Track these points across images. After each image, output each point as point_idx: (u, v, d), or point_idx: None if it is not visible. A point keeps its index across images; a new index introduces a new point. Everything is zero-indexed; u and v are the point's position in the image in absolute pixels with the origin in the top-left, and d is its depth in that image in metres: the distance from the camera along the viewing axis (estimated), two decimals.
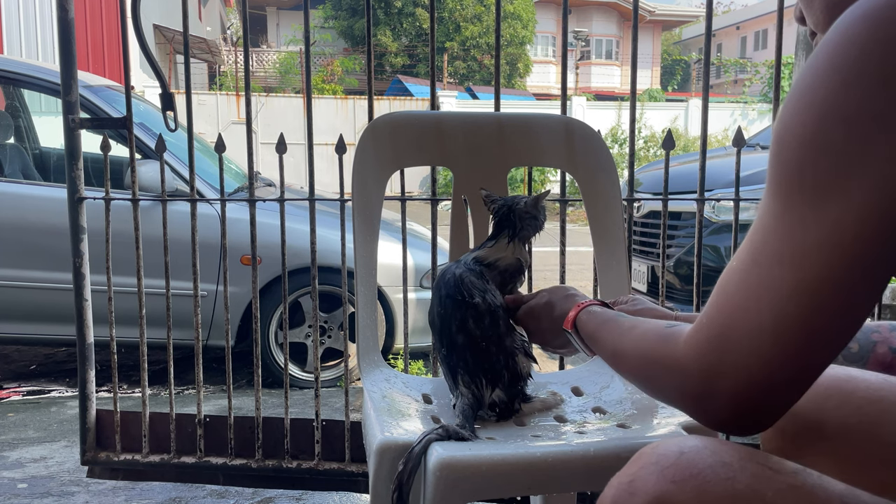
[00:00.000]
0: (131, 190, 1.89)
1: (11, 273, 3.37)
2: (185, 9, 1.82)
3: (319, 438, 1.90)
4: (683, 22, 32.17)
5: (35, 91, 3.83)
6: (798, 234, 0.54)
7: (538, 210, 1.23)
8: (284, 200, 1.85)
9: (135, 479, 2.02)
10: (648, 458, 0.60)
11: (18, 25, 11.38)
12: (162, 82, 1.90)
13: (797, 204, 0.55)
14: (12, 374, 3.90)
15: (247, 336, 3.50)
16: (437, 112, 1.51)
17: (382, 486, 0.98)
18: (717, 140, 15.07)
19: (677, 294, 3.72)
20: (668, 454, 0.58)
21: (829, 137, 0.53)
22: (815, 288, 0.53)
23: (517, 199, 1.25)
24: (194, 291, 1.89)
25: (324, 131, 12.48)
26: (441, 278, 1.19)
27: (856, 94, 0.52)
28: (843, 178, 0.52)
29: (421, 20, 20.79)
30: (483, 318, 1.14)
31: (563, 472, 0.96)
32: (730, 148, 2.19)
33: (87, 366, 1.95)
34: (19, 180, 3.65)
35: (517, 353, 1.16)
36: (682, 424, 1.06)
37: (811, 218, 0.53)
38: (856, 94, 0.52)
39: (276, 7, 27.22)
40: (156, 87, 8.20)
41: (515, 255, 1.21)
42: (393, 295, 3.47)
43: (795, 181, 0.55)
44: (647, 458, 0.60)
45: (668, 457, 0.58)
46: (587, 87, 25.56)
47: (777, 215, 0.56)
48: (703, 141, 1.79)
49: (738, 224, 1.81)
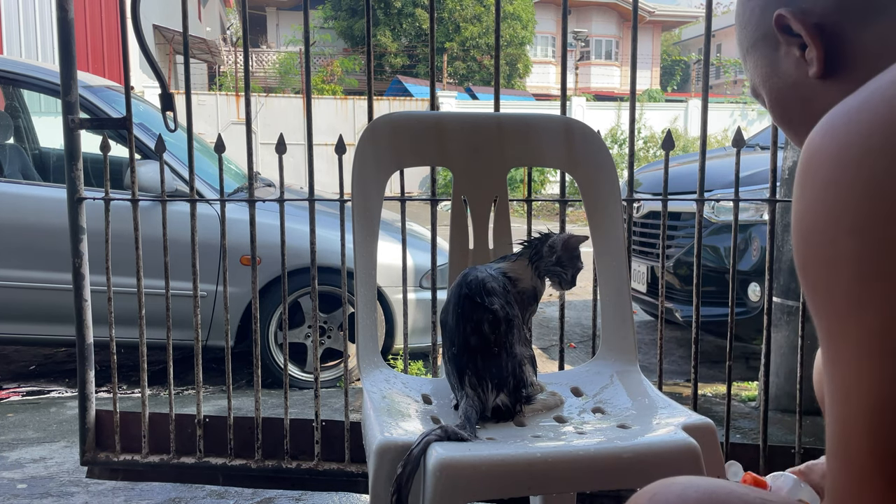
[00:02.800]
0: (131, 190, 1.89)
1: (11, 273, 3.37)
2: (185, 9, 1.82)
3: (319, 439, 1.90)
4: (683, 22, 32.17)
5: (35, 91, 3.83)
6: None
7: (563, 250, 1.25)
8: (284, 201, 1.85)
9: (134, 479, 2.02)
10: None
11: (18, 25, 11.37)
12: (161, 83, 1.90)
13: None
14: (12, 374, 3.90)
15: (246, 336, 3.50)
16: (437, 112, 1.51)
17: (382, 486, 0.98)
18: (717, 140, 15.07)
19: (677, 294, 3.72)
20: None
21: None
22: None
23: (559, 234, 1.29)
24: (194, 292, 1.89)
25: (323, 132, 12.49)
26: (463, 279, 1.20)
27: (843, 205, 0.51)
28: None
29: (421, 20, 20.78)
30: (499, 325, 1.15)
31: (563, 472, 0.96)
32: (729, 148, 2.19)
33: (86, 366, 1.95)
34: (19, 180, 3.64)
35: (525, 363, 1.17)
36: (682, 424, 1.06)
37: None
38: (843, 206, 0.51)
39: (275, 7, 27.21)
40: (155, 88, 8.21)
41: (532, 282, 1.23)
42: (392, 295, 3.47)
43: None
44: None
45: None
46: (587, 87, 25.57)
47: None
48: (702, 141, 1.79)
49: (738, 224, 1.81)
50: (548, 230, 1.32)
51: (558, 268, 1.25)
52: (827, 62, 0.67)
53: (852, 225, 0.50)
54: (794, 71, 0.71)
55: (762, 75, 0.75)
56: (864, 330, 0.49)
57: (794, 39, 0.69)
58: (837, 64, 0.67)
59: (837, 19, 0.66)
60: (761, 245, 3.35)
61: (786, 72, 0.72)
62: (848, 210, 0.50)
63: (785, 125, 0.77)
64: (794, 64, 0.70)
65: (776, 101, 0.75)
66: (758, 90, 0.78)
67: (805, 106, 0.72)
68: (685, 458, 0.98)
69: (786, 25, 0.68)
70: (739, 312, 3.31)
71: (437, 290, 1.87)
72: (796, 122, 0.75)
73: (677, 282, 3.71)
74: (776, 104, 0.76)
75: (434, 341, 1.85)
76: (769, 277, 1.78)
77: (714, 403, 3.14)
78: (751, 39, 0.75)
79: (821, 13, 0.67)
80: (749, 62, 0.77)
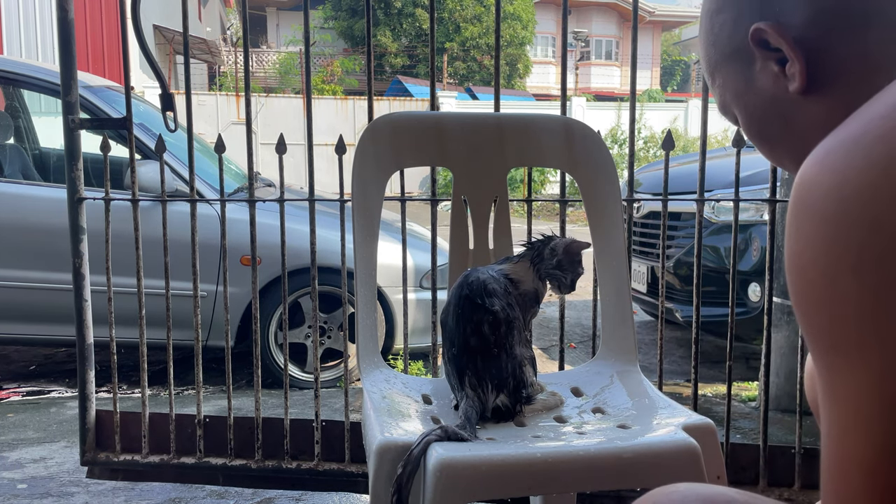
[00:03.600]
0: (131, 190, 1.89)
1: (11, 273, 3.37)
2: (185, 9, 1.82)
3: (319, 439, 1.90)
4: (683, 22, 32.16)
5: (35, 91, 3.83)
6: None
7: (565, 254, 1.25)
8: (284, 201, 1.85)
9: (134, 479, 2.02)
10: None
11: (18, 25, 11.37)
12: (162, 83, 1.90)
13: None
14: (12, 374, 3.90)
15: (246, 336, 3.50)
16: (437, 112, 1.51)
17: (382, 486, 0.98)
18: (717, 140, 15.04)
19: (677, 294, 3.72)
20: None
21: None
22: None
23: (562, 237, 1.29)
24: (194, 292, 1.89)
25: (323, 132, 12.48)
26: (464, 279, 1.20)
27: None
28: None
29: (421, 21, 20.78)
30: (499, 326, 1.15)
31: (563, 472, 0.96)
32: (729, 148, 2.19)
33: (86, 366, 1.95)
34: (19, 181, 3.65)
35: (525, 364, 1.17)
36: (682, 425, 1.06)
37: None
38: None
39: (275, 7, 27.21)
40: (156, 88, 8.20)
41: (534, 284, 1.23)
42: (393, 295, 3.47)
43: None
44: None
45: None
46: (587, 87, 25.57)
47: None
48: (702, 141, 1.79)
49: (738, 224, 1.81)
50: (552, 232, 1.32)
51: (558, 271, 1.25)
52: (809, 76, 0.64)
53: (854, 264, 0.48)
54: (773, 86, 0.68)
55: (735, 92, 0.72)
56: (865, 371, 0.48)
57: (773, 54, 0.66)
58: (820, 78, 0.64)
59: (818, 32, 0.64)
60: (761, 245, 3.35)
61: (763, 88, 0.69)
62: (850, 248, 0.48)
63: (762, 143, 0.74)
64: (773, 79, 0.67)
65: (752, 119, 0.72)
66: (729, 107, 0.74)
67: (785, 122, 0.69)
68: (685, 458, 0.98)
69: (763, 40, 0.65)
70: (740, 312, 3.31)
71: (438, 290, 1.87)
72: (774, 140, 0.72)
73: (677, 282, 3.71)
74: (752, 121, 0.72)
75: (434, 341, 1.85)
76: (769, 277, 1.78)
77: (714, 403, 3.15)
78: (720, 54, 0.71)
79: (800, 26, 0.64)
80: (718, 78, 0.73)
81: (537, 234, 1.31)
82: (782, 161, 0.74)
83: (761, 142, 0.74)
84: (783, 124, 0.69)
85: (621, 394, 1.27)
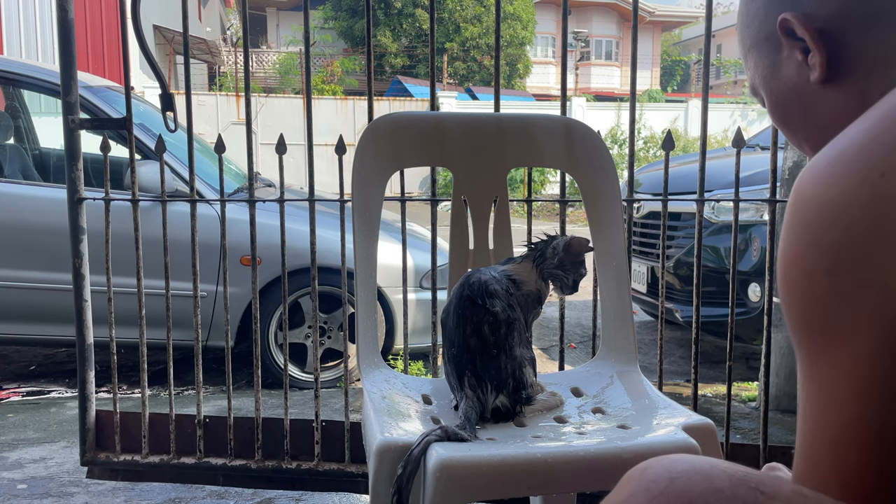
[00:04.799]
0: (131, 190, 1.89)
1: (11, 273, 3.37)
2: (185, 9, 1.82)
3: (319, 439, 1.90)
4: (683, 22, 32.17)
5: (35, 91, 3.83)
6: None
7: (565, 253, 1.25)
8: (284, 201, 1.85)
9: (134, 479, 2.02)
10: (638, 483, 0.58)
11: (18, 25, 11.38)
12: (162, 83, 1.90)
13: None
14: (12, 374, 3.90)
15: (246, 337, 3.50)
16: (437, 113, 1.51)
17: (382, 486, 0.98)
18: (717, 141, 15.07)
19: (677, 295, 3.72)
20: (658, 481, 0.57)
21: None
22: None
23: (565, 237, 1.29)
24: (194, 292, 1.89)
25: (324, 132, 12.49)
26: (466, 280, 1.20)
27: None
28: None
29: (421, 21, 20.78)
30: (500, 327, 1.15)
31: (563, 472, 0.96)
32: (729, 149, 2.19)
33: (86, 366, 1.95)
34: (19, 181, 3.65)
35: (525, 364, 1.17)
36: (682, 425, 1.06)
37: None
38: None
39: (275, 7, 27.21)
40: (155, 88, 8.21)
41: (537, 285, 1.23)
42: (393, 295, 3.47)
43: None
44: (636, 483, 0.58)
45: (657, 483, 0.56)
46: (587, 87, 25.57)
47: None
48: (702, 142, 1.79)
49: (738, 224, 1.81)
50: (555, 233, 1.32)
51: (559, 271, 1.25)
52: (829, 67, 0.67)
53: (829, 266, 0.52)
54: (796, 74, 0.71)
55: (763, 76, 0.76)
56: (839, 360, 0.52)
57: (798, 43, 0.69)
58: (839, 69, 0.67)
59: (840, 25, 0.66)
60: (761, 245, 3.35)
61: (787, 75, 0.72)
62: (826, 252, 0.52)
63: (784, 127, 0.78)
64: (796, 67, 0.71)
65: (776, 103, 0.76)
66: (757, 90, 0.79)
67: (805, 109, 0.72)
68: None
69: (790, 29, 0.69)
70: (739, 313, 3.31)
71: (438, 290, 1.87)
72: (796, 125, 0.75)
73: (677, 282, 3.71)
74: (776, 106, 0.76)
75: (434, 342, 1.85)
76: (769, 278, 1.78)
77: (714, 404, 3.15)
78: (753, 39, 0.75)
79: (824, 18, 0.67)
80: (750, 61, 0.78)
81: (540, 235, 1.31)
82: (802, 146, 0.78)
83: (784, 126, 0.78)
84: (804, 112, 0.73)
85: (621, 394, 1.27)
